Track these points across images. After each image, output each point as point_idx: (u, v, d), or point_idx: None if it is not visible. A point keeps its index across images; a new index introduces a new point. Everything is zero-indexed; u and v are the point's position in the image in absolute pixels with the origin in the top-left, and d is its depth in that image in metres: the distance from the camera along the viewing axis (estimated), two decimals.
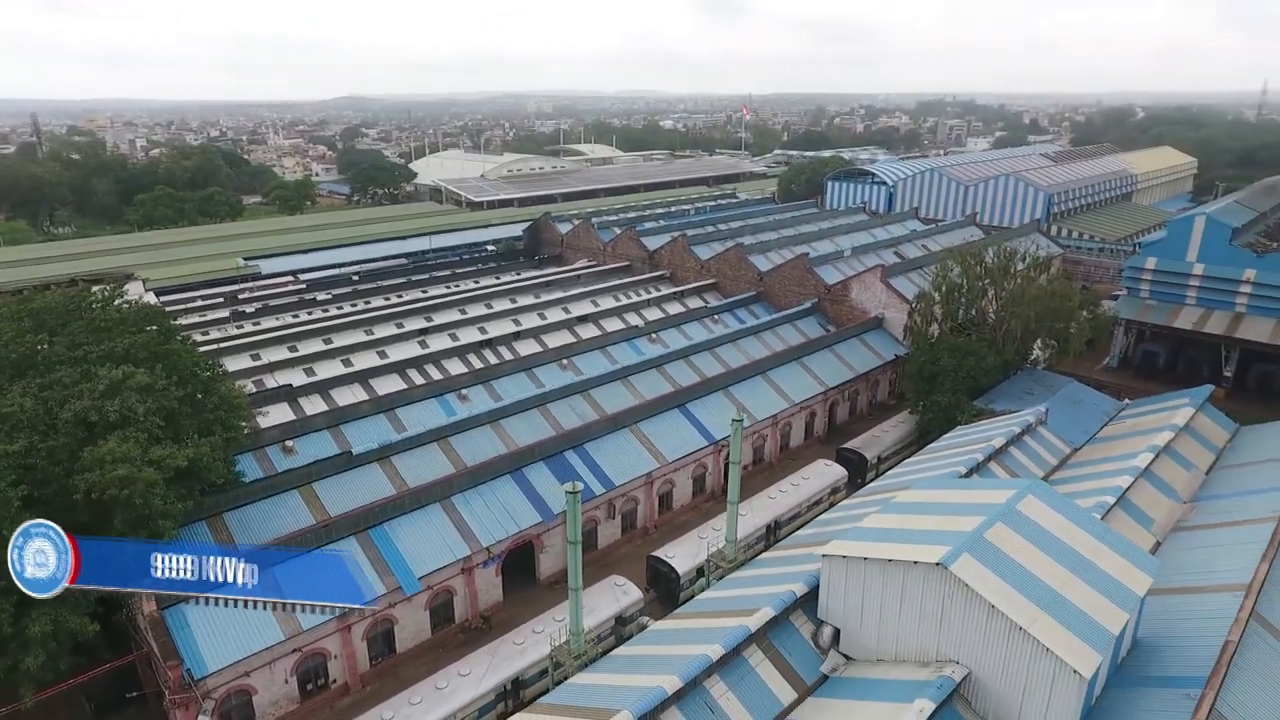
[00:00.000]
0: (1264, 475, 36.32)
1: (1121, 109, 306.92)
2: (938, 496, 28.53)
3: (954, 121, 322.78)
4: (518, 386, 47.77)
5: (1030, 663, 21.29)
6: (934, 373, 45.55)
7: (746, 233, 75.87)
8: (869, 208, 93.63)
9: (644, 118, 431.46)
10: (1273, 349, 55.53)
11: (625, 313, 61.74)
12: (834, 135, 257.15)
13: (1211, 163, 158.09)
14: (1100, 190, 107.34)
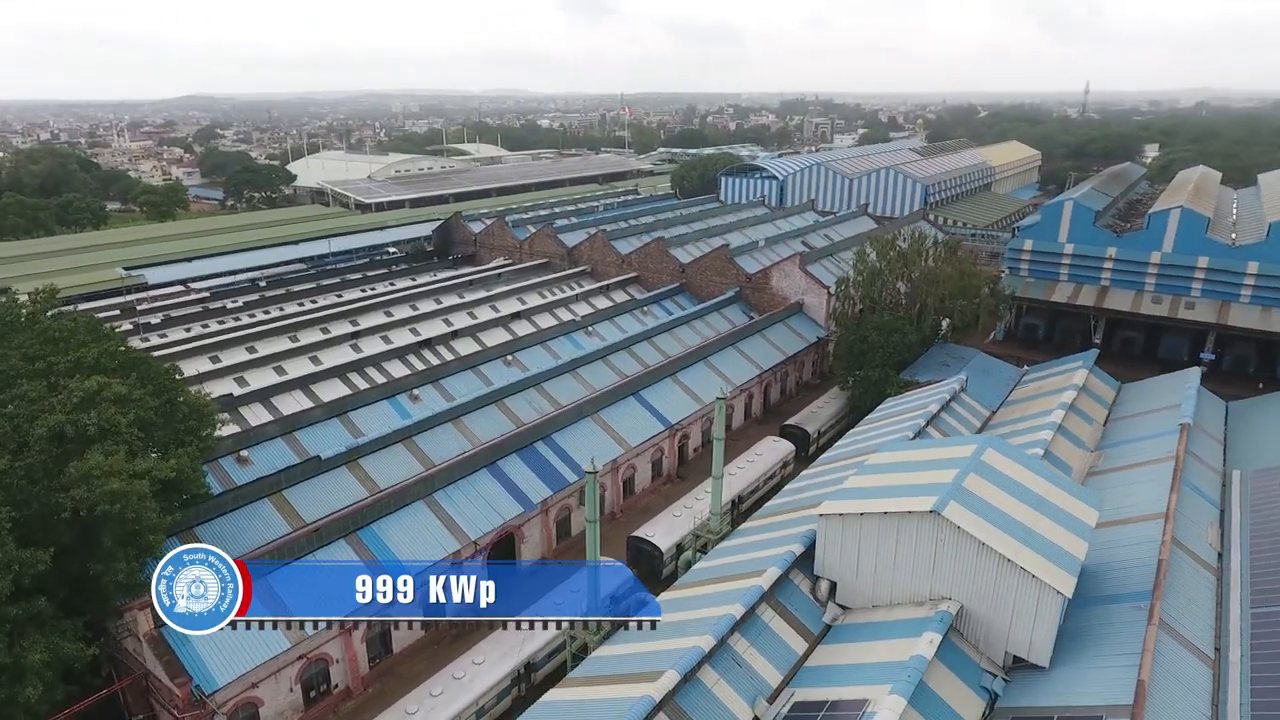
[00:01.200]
0: (1151, 423, 41.89)
1: (966, 108, 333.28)
2: (905, 456, 31.45)
3: (819, 120, 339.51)
4: (466, 384, 47.73)
5: (1017, 590, 24.23)
6: (863, 350, 49.17)
7: (659, 227, 78.06)
8: (767, 201, 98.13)
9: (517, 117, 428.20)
10: (1132, 317, 63.28)
11: (555, 308, 62.41)
12: (710, 134, 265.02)
13: (1049, 155, 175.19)
14: (966, 181, 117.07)
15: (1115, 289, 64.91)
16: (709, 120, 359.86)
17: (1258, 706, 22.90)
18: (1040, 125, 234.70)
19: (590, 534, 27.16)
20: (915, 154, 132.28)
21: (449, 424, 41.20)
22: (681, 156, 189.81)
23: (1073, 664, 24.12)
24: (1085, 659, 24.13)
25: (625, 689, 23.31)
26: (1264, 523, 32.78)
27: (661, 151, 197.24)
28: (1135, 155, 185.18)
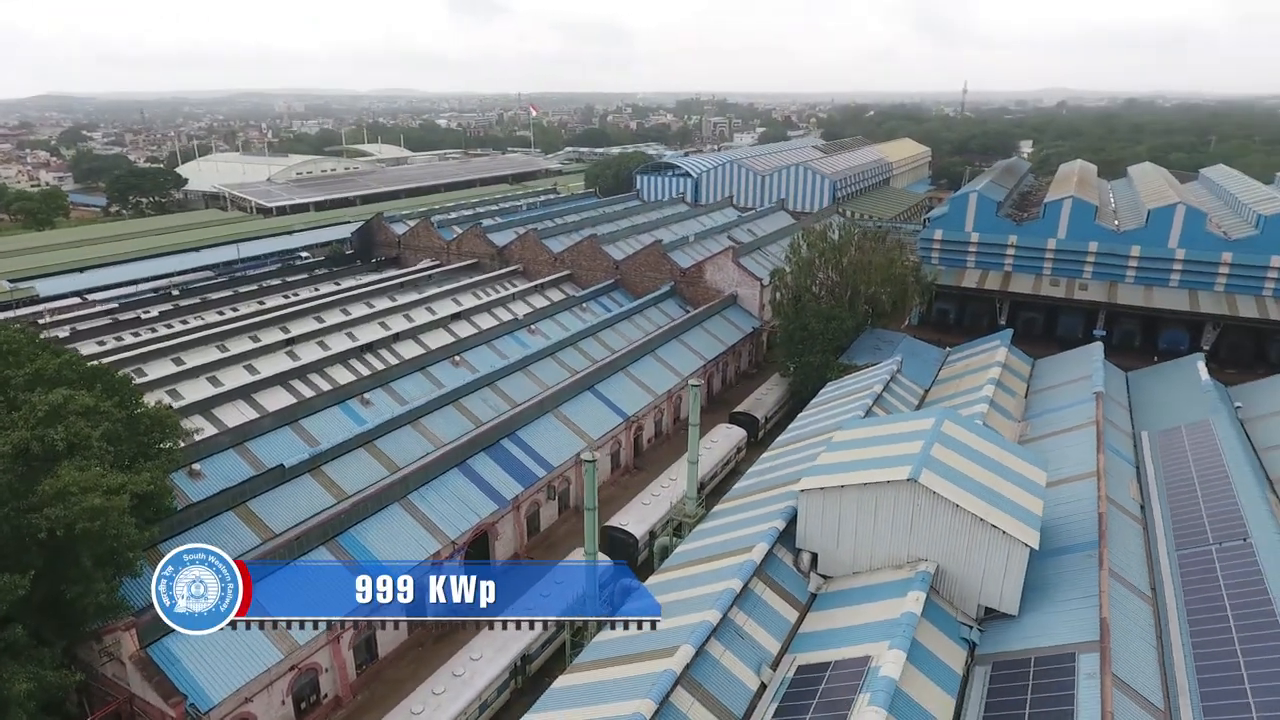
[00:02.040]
0: (1068, 394, 45.80)
1: (855, 107, 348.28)
2: (869, 432, 33.45)
3: (716, 119, 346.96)
4: (417, 386, 47.13)
5: (989, 547, 26.40)
6: (804, 337, 51.41)
7: (587, 225, 78.66)
8: (686, 199, 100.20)
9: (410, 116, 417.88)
10: (1033, 299, 68.54)
11: (494, 308, 62.09)
12: (612, 133, 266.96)
13: (936, 151, 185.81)
14: (868, 177, 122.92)
15: (1017, 273, 70.13)
16: (609, 120, 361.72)
17: (1195, 635, 25.88)
18: (924, 123, 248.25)
19: (589, 521, 27.72)
20: (818, 151, 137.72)
21: (408, 426, 40.69)
22: (589, 156, 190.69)
23: (1039, 610, 26.48)
24: (1049, 605, 26.54)
25: (639, 667, 24.04)
26: (1175, 476, 36.63)
27: (569, 151, 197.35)
28: (1011, 151, 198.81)
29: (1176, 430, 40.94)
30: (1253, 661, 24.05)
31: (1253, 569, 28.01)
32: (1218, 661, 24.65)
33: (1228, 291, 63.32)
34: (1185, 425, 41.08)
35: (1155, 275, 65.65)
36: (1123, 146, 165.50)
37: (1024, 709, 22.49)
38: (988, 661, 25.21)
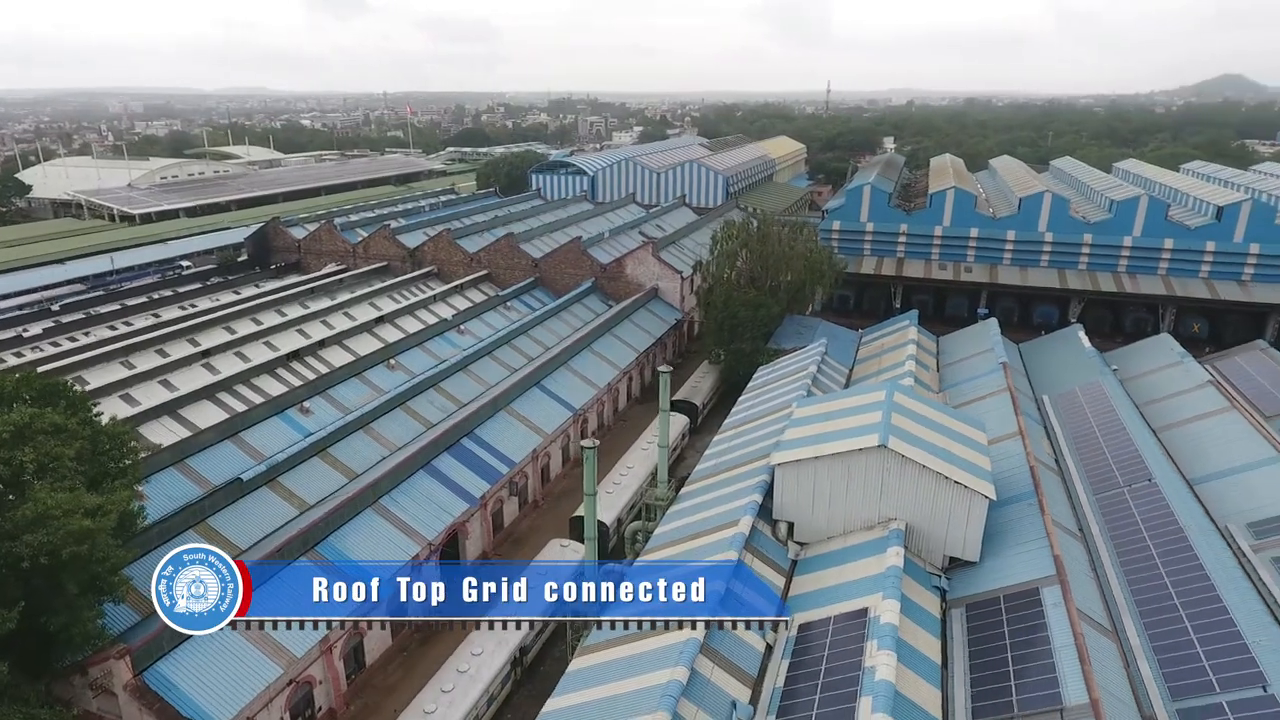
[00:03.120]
0: (975, 365, 50.26)
1: (726, 106, 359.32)
2: (826, 407, 35.74)
3: (593, 118, 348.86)
4: (355, 392, 45.92)
5: (952, 502, 29.10)
6: (733, 325, 53.63)
7: (498, 224, 78.14)
8: (588, 197, 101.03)
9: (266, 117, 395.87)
10: (924, 282, 74.14)
11: (416, 310, 60.85)
12: (492, 133, 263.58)
13: (809, 148, 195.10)
14: (755, 173, 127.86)
15: (909, 259, 75.57)
16: (484, 120, 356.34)
17: (1125, 564, 29.66)
18: (794, 121, 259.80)
19: (588, 506, 28.35)
20: (705, 149, 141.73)
21: (360, 432, 39.74)
22: (472, 156, 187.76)
23: (996, 555, 29.43)
24: (1005, 550, 29.55)
25: (657, 640, 24.99)
26: (1079, 431, 41.22)
27: (450, 151, 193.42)
28: (875, 146, 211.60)
29: (1072, 392, 45.92)
30: (1176, 581, 27.87)
31: (1161, 504, 32.25)
32: (1148, 584, 28.38)
33: (1090, 269, 70.87)
34: (1079, 386, 46.15)
35: (1028, 257, 72.53)
36: (975, 141, 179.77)
37: (1004, 640, 25.13)
38: (961, 604, 27.85)
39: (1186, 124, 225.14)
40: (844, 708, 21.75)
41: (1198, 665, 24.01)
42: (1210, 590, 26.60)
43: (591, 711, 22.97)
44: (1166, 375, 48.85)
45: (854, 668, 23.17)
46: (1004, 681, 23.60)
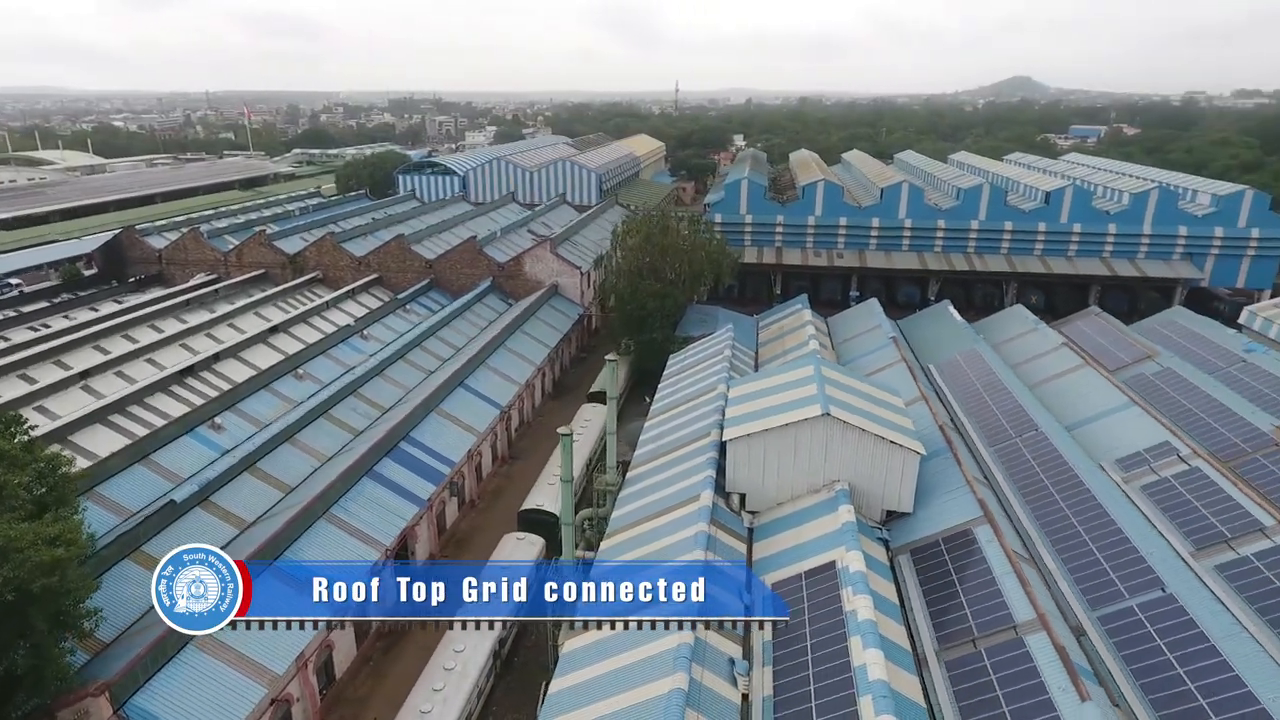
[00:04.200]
0: (868, 341, 54.67)
1: (578, 105, 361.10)
2: (760, 385, 38.10)
3: (441, 118, 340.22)
4: (266, 405, 43.75)
5: (889, 460, 32.14)
6: (642, 316, 55.29)
7: (380, 227, 75.75)
8: (465, 197, 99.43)
9: (65, 118, 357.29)
10: (801, 269, 79.10)
11: (310, 318, 58.13)
12: (336, 133, 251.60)
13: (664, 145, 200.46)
14: (624, 170, 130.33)
15: (787, 248, 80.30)
16: (323, 120, 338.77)
17: (1031, 504, 33.87)
18: (647, 120, 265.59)
19: (564, 493, 28.93)
20: (571, 148, 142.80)
21: (286, 445, 38.08)
22: (321, 158, 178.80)
23: (927, 506, 32.80)
24: (933, 500, 32.97)
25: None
26: (966, 393, 46.07)
27: (297, 153, 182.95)
28: (727, 143, 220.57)
29: (954, 360, 51.10)
30: (1075, 511, 32.22)
31: (1050, 449, 36.96)
32: (1052, 517, 32.62)
33: (944, 251, 78.24)
34: (959, 354, 51.42)
35: (891, 242, 79.04)
36: (821, 137, 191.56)
37: (951, 576, 28.28)
38: (905, 551, 30.91)
39: (994, 120, 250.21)
40: (836, 649, 23.87)
41: (1107, 579, 28.09)
42: (1104, 515, 31.02)
43: (605, 683, 23.79)
44: (1026, 341, 55.34)
45: (836, 614, 25.40)
46: (959, 611, 26.64)
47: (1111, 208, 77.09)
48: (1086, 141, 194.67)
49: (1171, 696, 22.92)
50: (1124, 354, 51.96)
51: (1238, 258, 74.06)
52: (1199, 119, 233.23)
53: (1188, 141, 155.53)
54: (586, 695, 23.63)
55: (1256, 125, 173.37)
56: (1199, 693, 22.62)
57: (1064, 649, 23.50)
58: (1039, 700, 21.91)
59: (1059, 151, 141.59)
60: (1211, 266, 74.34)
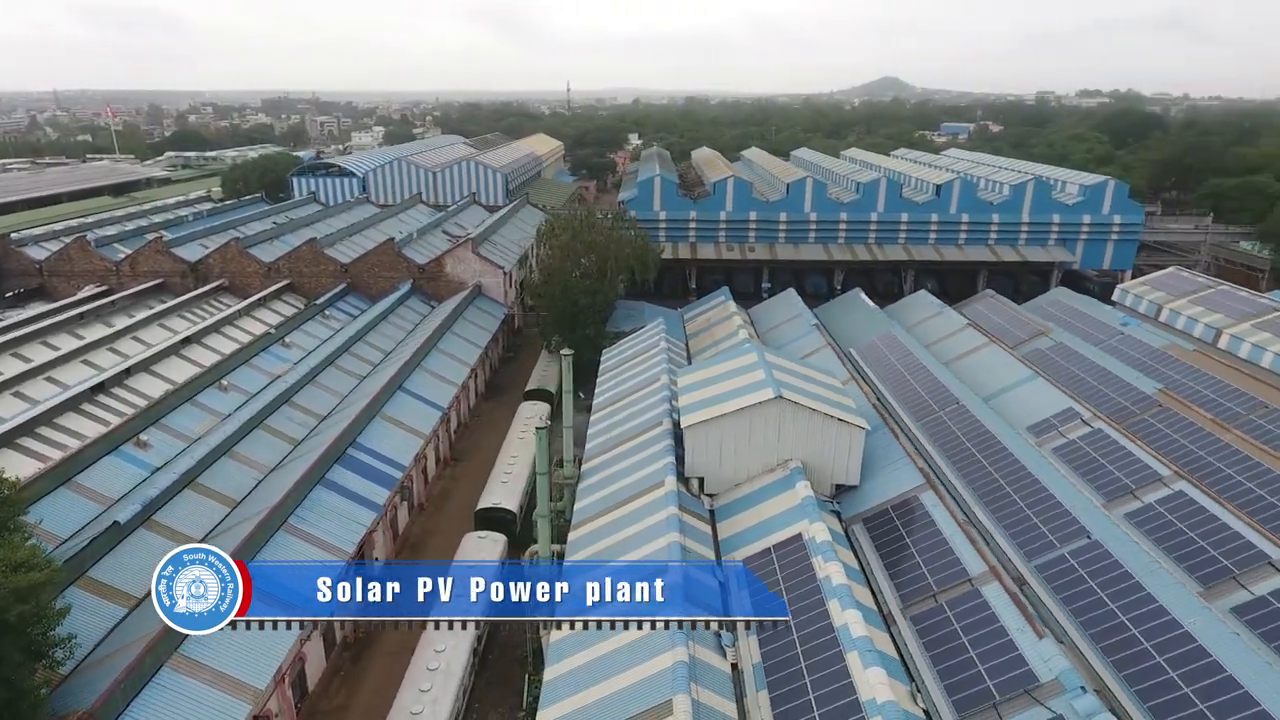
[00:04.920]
0: (792, 329, 57.20)
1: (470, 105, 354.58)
2: (708, 373, 39.44)
3: (322, 118, 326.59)
4: (192, 419, 41.67)
5: (837, 437, 34.16)
6: (574, 313, 55.76)
7: (286, 231, 72.74)
8: (368, 199, 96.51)
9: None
10: (715, 263, 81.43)
11: (222, 327, 55.35)
12: (210, 135, 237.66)
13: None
14: (527, 170, 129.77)
15: (701, 243, 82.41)
16: (191, 120, 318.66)
17: (961, 469, 36.68)
18: (541, 120, 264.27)
19: (541, 485, 29.18)
20: (470, 148, 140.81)
21: (224, 458, 36.52)
22: (198, 161, 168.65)
23: (871, 478, 35.03)
24: (876, 473, 35.23)
25: None
26: (888, 373, 49.03)
27: (171, 156, 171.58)
28: (622, 143, 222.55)
29: (873, 343, 54.23)
30: (1002, 473, 35.18)
31: (972, 420, 40.06)
32: (982, 481, 35.50)
33: (847, 242, 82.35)
34: (877, 338, 54.60)
35: (799, 235, 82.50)
36: (715, 135, 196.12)
37: (905, 540, 30.47)
38: (857, 520, 32.99)
39: (872, 118, 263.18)
40: (816, 613, 25.43)
41: (1038, 532, 30.96)
42: (1029, 475, 34.06)
43: (601, 666, 24.38)
44: (933, 323, 59.35)
45: (810, 581, 26.99)
46: (917, 571, 28.80)
47: (994, 199, 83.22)
48: (958, 138, 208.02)
49: (1107, 630, 25.69)
50: (1020, 331, 56.63)
51: (1103, 241, 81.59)
52: (1053, 116, 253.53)
53: (1047, 137, 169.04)
54: (585, 678, 24.18)
55: (1103, 122, 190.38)
56: (1130, 624, 25.47)
57: (1017, 594, 25.95)
58: (1001, 642, 24.14)
59: (937, 148, 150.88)
60: (1081, 250, 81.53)
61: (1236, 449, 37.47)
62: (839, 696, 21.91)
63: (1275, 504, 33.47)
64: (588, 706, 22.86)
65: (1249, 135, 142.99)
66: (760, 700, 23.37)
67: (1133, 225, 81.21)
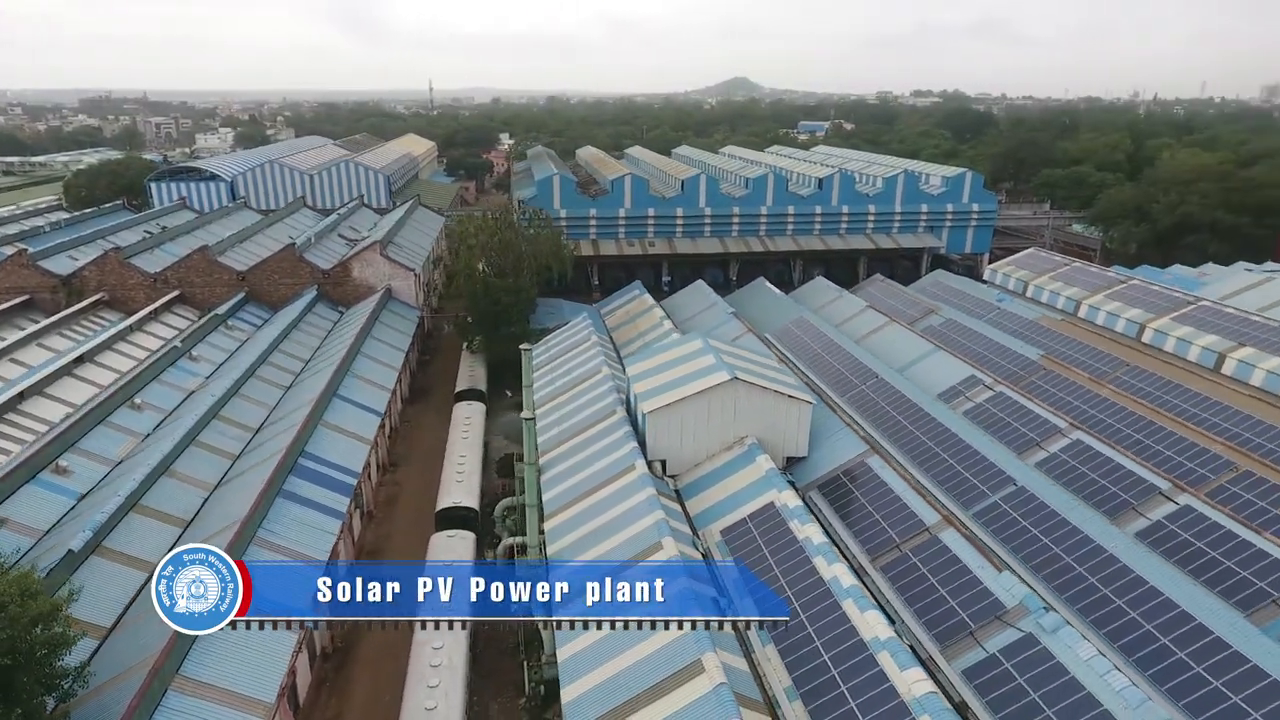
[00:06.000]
0: (710, 318, 59.63)
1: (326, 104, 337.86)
2: (656, 361, 40.99)
3: (158, 119, 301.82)
4: (110, 441, 38.94)
5: (787, 413, 36.68)
6: (498, 312, 55.82)
7: (167, 239, 67.91)
8: (245, 204, 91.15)
9: None
10: (617, 259, 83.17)
11: (115, 344, 51.28)
12: (28, 139, 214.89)
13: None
14: (407, 171, 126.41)
15: (602, 240, 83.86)
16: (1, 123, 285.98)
17: (889, 434, 40.19)
18: (405, 120, 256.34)
19: (529, 475, 29.61)
20: (341, 149, 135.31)
21: (165, 478, 34.48)
22: (22, 167, 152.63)
23: (817, 449, 37.85)
24: (821, 443, 38.07)
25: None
26: (807, 354, 52.45)
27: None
28: (493, 143, 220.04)
29: (786, 328, 57.66)
30: (929, 435, 38.88)
31: (892, 390, 43.84)
32: (912, 443, 39.09)
33: (740, 235, 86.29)
34: (790, 322, 58.10)
35: (695, 229, 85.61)
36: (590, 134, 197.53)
37: (859, 501, 33.39)
38: (812, 488, 35.65)
39: (735, 117, 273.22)
40: (804, 570, 27.63)
41: (970, 483, 34.67)
42: (952, 435, 37.92)
43: (618, 639, 25.37)
44: (836, 307, 63.72)
45: (792, 543, 29.18)
46: (877, 527, 31.69)
47: (869, 191, 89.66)
48: (816, 135, 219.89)
49: (1045, 560, 29.40)
50: (913, 311, 61.87)
51: (964, 228, 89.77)
52: (897, 115, 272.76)
53: (898, 134, 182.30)
54: (605, 651, 25.13)
55: (944, 119, 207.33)
56: (1063, 553, 29.29)
57: (972, 536, 29.22)
58: (966, 579, 27.23)
59: (805, 145, 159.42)
60: (947, 236, 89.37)
61: (1113, 401, 43.25)
62: (844, 639, 24.12)
63: (1152, 445, 39.07)
64: (615, 677, 23.85)
65: (1069, 131, 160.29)
66: (769, 654, 25.24)
67: (989, 212, 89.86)
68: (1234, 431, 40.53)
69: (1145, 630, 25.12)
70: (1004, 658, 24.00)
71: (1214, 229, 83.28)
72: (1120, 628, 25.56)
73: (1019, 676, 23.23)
